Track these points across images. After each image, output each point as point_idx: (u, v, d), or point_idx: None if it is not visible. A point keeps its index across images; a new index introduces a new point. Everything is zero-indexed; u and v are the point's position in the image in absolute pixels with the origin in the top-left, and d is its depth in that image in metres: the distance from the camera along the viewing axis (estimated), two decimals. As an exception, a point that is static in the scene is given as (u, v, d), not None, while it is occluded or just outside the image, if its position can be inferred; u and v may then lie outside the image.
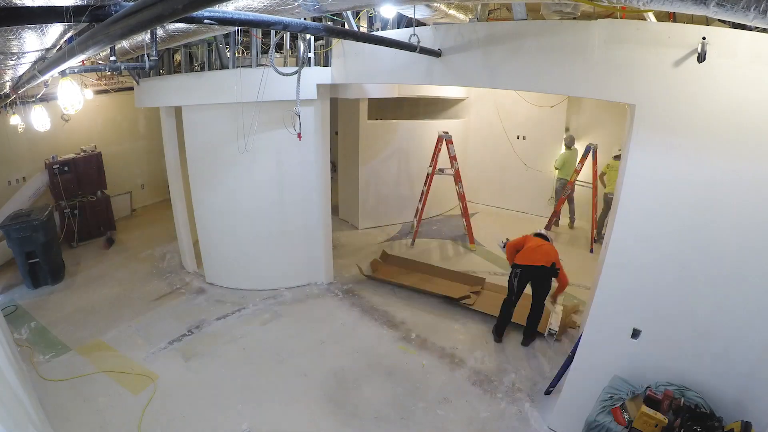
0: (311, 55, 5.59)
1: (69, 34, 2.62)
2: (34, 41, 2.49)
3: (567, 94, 4.08)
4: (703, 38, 2.70)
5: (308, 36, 5.31)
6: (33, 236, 6.52)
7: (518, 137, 9.80)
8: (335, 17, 5.18)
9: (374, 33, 5.36)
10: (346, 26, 4.98)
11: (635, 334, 3.44)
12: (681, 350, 3.29)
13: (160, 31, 3.92)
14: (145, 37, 3.91)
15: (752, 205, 2.84)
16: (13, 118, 6.88)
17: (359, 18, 5.71)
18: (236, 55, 5.64)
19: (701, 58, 2.73)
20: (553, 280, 5.31)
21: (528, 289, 5.30)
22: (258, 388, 4.64)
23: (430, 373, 4.86)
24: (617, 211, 3.44)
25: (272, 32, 5.09)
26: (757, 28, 2.58)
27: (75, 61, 2.92)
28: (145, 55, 3.85)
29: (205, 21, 2.37)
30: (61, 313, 6.08)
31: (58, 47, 2.87)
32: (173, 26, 3.81)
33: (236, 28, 4.82)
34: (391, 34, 4.85)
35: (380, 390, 4.62)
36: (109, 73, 7.51)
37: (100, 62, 5.85)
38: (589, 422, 3.19)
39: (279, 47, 6.00)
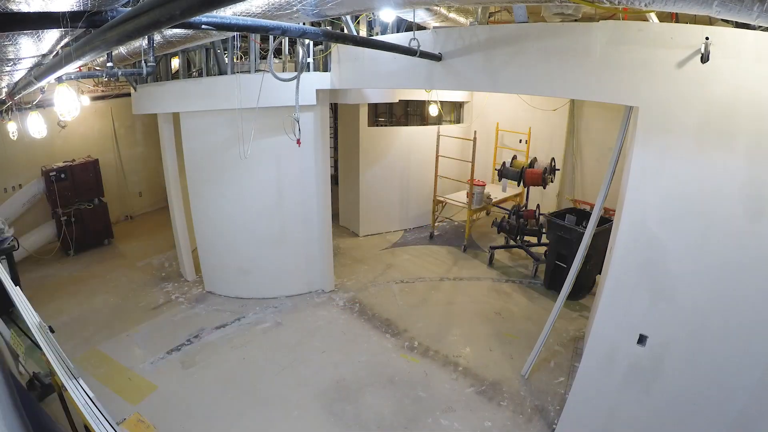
0: (310, 60, 5.56)
1: (66, 40, 2.58)
2: (30, 47, 2.45)
3: (569, 97, 4.03)
4: (707, 38, 2.66)
5: (307, 41, 5.28)
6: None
7: (520, 141, 9.75)
8: (334, 21, 5.15)
9: (374, 37, 5.33)
10: (345, 31, 4.95)
11: (641, 339, 3.39)
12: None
13: (157, 37, 3.89)
14: (143, 42, 3.88)
15: (760, 205, 2.79)
16: (10, 125, 6.83)
17: (358, 22, 5.69)
18: (234, 60, 5.60)
19: (705, 58, 2.69)
20: None
21: None
22: (259, 398, 4.57)
23: (433, 382, 4.79)
24: (621, 214, 3.39)
25: (271, 37, 5.06)
26: (760, 27, 2.55)
27: (72, 68, 2.88)
28: (143, 61, 3.82)
29: (203, 26, 2.34)
30: (59, 321, 6.00)
31: (54, 53, 2.83)
32: (171, 32, 3.78)
33: (234, 33, 4.80)
34: (391, 38, 4.81)
35: (383, 399, 4.56)
36: (106, 79, 7.47)
37: (97, 68, 5.82)
38: None
39: (278, 52, 5.97)
